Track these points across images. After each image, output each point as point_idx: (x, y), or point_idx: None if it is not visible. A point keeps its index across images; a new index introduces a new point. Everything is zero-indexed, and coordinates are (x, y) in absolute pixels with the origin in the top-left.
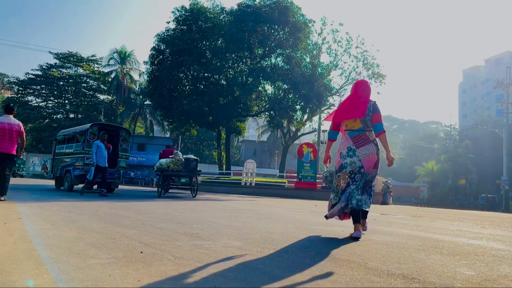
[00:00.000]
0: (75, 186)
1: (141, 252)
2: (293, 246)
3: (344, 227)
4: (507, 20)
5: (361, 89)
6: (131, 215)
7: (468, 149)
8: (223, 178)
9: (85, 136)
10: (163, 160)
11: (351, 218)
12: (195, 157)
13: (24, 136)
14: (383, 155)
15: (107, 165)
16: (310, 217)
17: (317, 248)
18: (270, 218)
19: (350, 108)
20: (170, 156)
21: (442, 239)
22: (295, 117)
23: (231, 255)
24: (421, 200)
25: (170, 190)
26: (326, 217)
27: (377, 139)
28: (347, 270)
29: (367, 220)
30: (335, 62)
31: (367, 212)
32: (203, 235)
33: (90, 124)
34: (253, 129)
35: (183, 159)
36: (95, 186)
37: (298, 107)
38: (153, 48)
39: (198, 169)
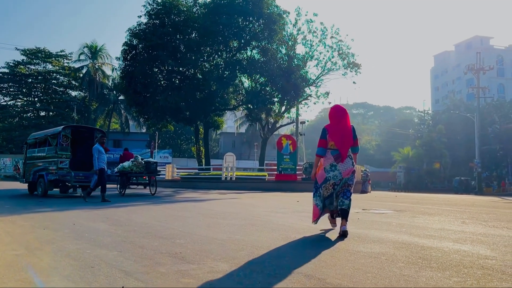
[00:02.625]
0: (50, 191)
1: None
2: (281, 267)
3: (327, 233)
4: (475, 5)
5: (338, 114)
6: (110, 229)
7: (441, 133)
8: (203, 174)
9: (58, 139)
10: (125, 164)
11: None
12: (154, 161)
13: None
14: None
15: (105, 168)
16: (294, 221)
17: (306, 270)
18: (254, 225)
19: (340, 135)
20: (131, 160)
21: (428, 245)
22: (273, 110)
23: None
24: (398, 185)
25: (131, 187)
26: (315, 223)
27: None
28: None
29: (347, 221)
30: (310, 53)
31: (347, 211)
32: (187, 255)
33: (62, 127)
34: (231, 121)
35: (144, 162)
36: (71, 190)
37: (275, 99)
38: (125, 44)
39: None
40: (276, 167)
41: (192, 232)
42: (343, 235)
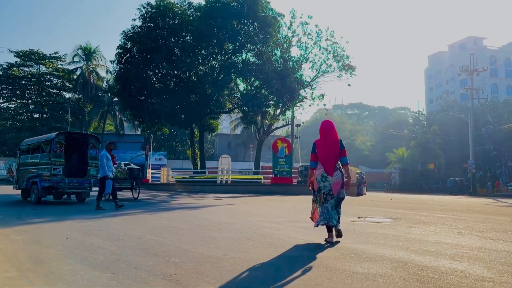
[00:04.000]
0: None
1: None
2: None
3: (323, 247)
4: (469, 6)
5: (326, 130)
6: (104, 244)
7: (435, 134)
8: (198, 177)
9: (51, 146)
10: None
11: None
12: (137, 167)
13: None
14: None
15: (112, 176)
16: (291, 233)
17: None
18: (250, 239)
19: (325, 152)
20: (115, 167)
21: (425, 263)
22: (268, 112)
23: None
24: (393, 186)
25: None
26: (317, 226)
27: (342, 168)
28: None
29: (340, 229)
30: (305, 55)
31: (336, 225)
32: (181, 277)
33: (56, 133)
34: (227, 122)
35: (127, 169)
36: (65, 196)
37: (271, 102)
38: (120, 47)
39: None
40: (271, 170)
41: (187, 249)
42: (334, 240)
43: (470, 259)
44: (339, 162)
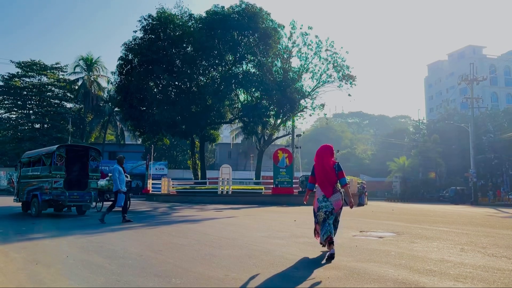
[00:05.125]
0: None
1: None
2: None
3: (326, 265)
4: (468, 15)
5: (323, 154)
6: (104, 263)
7: (436, 143)
8: (199, 188)
9: (52, 159)
10: (102, 182)
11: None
12: (128, 179)
13: None
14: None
15: (125, 189)
16: (293, 251)
17: None
18: (252, 257)
19: (320, 177)
20: (107, 179)
21: (428, 285)
22: (269, 123)
23: None
24: (394, 195)
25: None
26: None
27: (342, 189)
28: None
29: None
30: (305, 66)
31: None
32: None
33: (57, 146)
34: (227, 131)
35: None
36: (65, 209)
37: (271, 113)
38: (121, 58)
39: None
40: (272, 180)
41: (188, 268)
42: (330, 257)
43: (474, 280)
44: (338, 184)
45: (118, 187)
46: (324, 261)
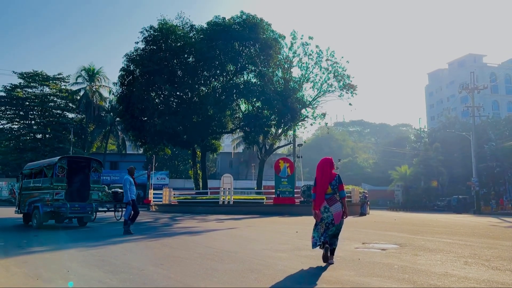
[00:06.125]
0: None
1: None
2: None
3: (327, 279)
4: (468, 24)
5: (324, 167)
6: (105, 278)
7: (438, 151)
8: (200, 198)
9: (53, 170)
10: (95, 195)
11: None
12: (121, 190)
13: None
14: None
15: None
16: (295, 265)
17: None
18: (253, 271)
19: (322, 186)
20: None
21: None
22: (270, 133)
23: None
24: (396, 204)
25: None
26: (313, 248)
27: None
28: None
29: (335, 255)
30: (306, 75)
31: (334, 249)
32: None
33: (58, 158)
34: (229, 140)
35: (111, 192)
36: (67, 220)
37: (273, 122)
38: (122, 69)
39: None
40: (274, 190)
41: (189, 284)
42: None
43: None
44: (338, 195)
45: (128, 198)
46: (327, 275)
